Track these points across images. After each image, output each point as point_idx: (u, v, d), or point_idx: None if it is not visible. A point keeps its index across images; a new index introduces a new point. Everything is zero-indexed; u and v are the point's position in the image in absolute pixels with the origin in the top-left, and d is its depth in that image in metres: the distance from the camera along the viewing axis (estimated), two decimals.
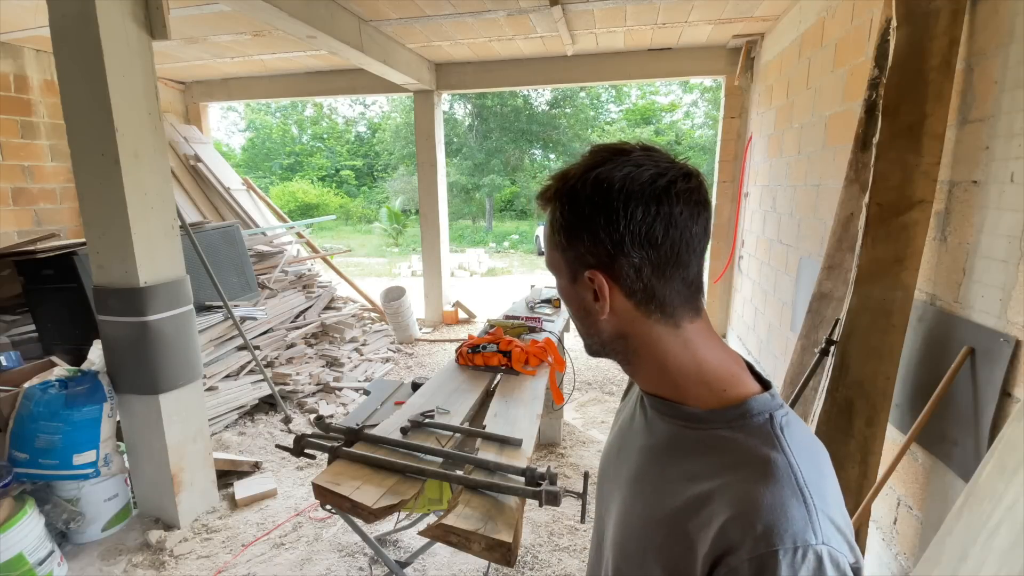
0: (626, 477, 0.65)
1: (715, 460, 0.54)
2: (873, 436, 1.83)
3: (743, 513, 0.48)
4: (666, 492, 0.57)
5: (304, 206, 19.09)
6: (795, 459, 0.51)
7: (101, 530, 2.42)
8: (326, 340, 4.69)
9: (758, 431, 0.54)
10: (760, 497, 0.48)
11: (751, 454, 0.52)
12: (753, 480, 0.50)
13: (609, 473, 0.72)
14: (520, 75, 5.38)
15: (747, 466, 0.51)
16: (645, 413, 0.66)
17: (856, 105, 2.24)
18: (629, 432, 0.69)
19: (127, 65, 2.20)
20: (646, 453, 0.63)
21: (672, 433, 0.60)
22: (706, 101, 19.27)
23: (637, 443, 0.66)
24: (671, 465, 0.59)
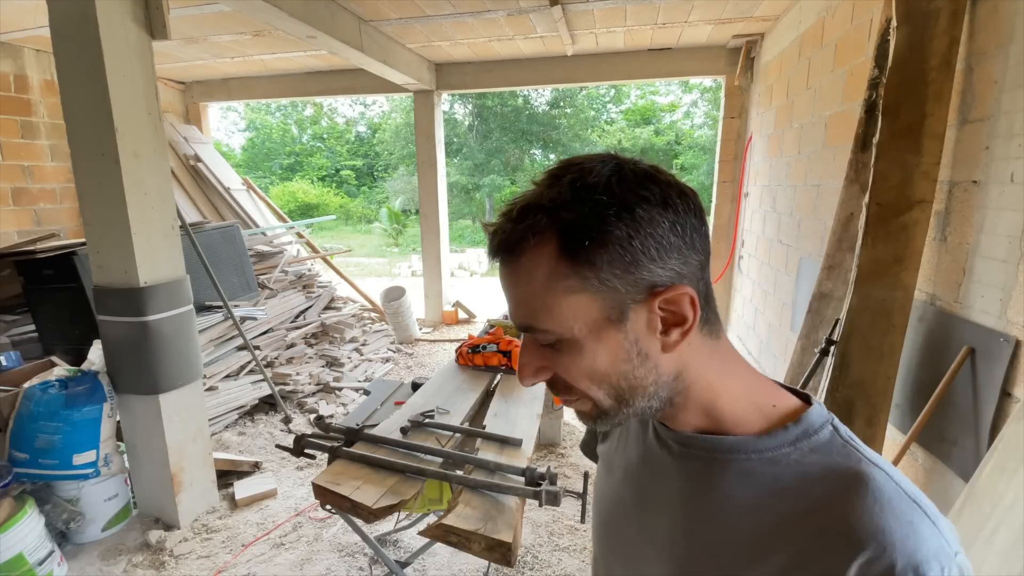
0: (669, 533, 0.53)
1: (793, 487, 0.46)
2: (873, 436, 1.83)
3: (873, 548, 0.40)
4: (732, 544, 0.47)
5: (304, 206, 19.08)
6: (886, 467, 0.44)
7: (101, 530, 2.42)
8: (326, 340, 4.69)
9: (831, 447, 0.47)
10: (884, 523, 0.41)
11: (843, 475, 0.44)
12: (864, 505, 0.42)
13: (627, 531, 0.58)
14: (520, 75, 5.38)
15: (846, 491, 0.43)
16: (671, 452, 0.53)
17: (856, 105, 2.24)
18: (648, 477, 0.56)
19: (127, 65, 2.20)
20: (695, 503, 0.51)
21: (726, 470, 0.49)
22: (706, 101, 19.27)
23: (674, 488, 0.53)
24: (738, 511, 0.47)
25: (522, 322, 0.49)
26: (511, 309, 0.50)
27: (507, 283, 0.49)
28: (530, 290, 0.47)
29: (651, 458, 0.56)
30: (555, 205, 0.45)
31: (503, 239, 0.47)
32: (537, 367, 0.50)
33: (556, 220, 0.45)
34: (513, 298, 0.49)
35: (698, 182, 17.97)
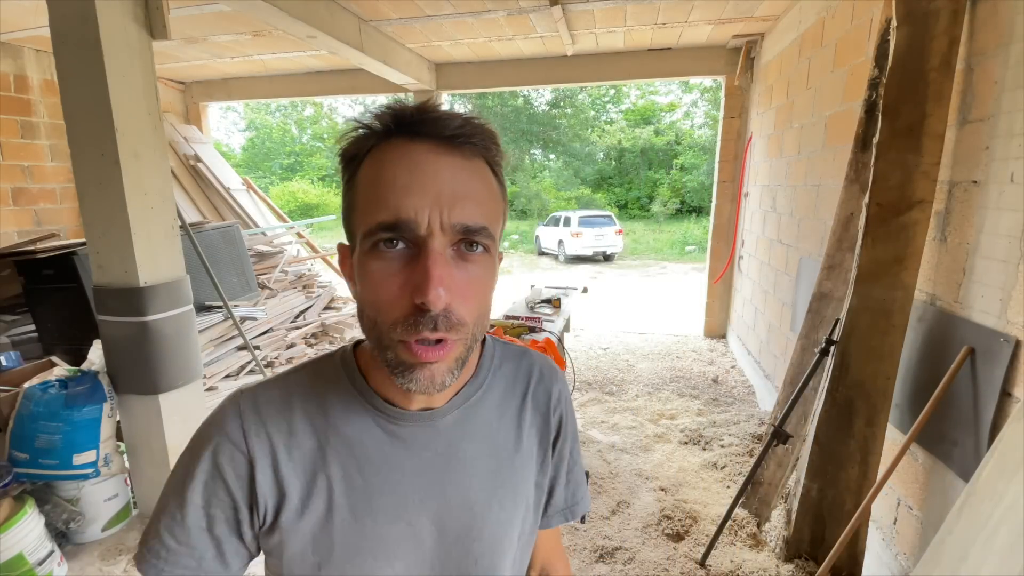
0: (446, 497, 0.59)
1: (508, 385, 0.66)
2: (873, 436, 1.83)
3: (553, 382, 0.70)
4: (502, 449, 0.64)
5: (304, 206, 19.09)
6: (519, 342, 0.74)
7: (101, 530, 2.42)
8: (326, 340, 4.69)
9: (503, 350, 0.69)
10: (549, 367, 0.71)
11: (519, 356, 0.69)
12: (539, 365, 0.70)
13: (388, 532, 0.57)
14: (520, 75, 5.38)
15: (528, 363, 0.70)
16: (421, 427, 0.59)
17: (856, 105, 2.24)
18: (395, 465, 0.58)
19: (127, 65, 2.20)
20: (459, 452, 0.60)
21: (471, 412, 0.62)
22: (706, 101, 19.28)
23: (437, 461, 0.59)
24: (487, 432, 0.63)
25: (476, 222, 0.47)
26: (455, 205, 0.46)
27: (454, 175, 0.47)
28: (488, 193, 0.49)
29: (396, 450, 0.58)
30: (486, 136, 0.49)
31: (461, 128, 0.47)
32: (450, 283, 0.46)
33: (494, 147, 0.50)
34: (468, 194, 0.47)
35: (698, 182, 18.00)
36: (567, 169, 19.88)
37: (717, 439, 3.18)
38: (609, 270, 12.21)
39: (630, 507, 2.57)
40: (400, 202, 0.45)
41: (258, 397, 0.57)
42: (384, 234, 0.46)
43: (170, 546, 0.54)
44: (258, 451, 0.55)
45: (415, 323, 0.46)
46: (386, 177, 0.47)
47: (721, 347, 5.29)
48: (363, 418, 0.57)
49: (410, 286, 0.46)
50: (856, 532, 1.75)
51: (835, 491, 1.91)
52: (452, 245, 0.47)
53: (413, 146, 0.47)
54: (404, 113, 0.48)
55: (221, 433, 0.55)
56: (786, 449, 2.28)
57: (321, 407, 0.57)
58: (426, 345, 0.47)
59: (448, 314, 0.47)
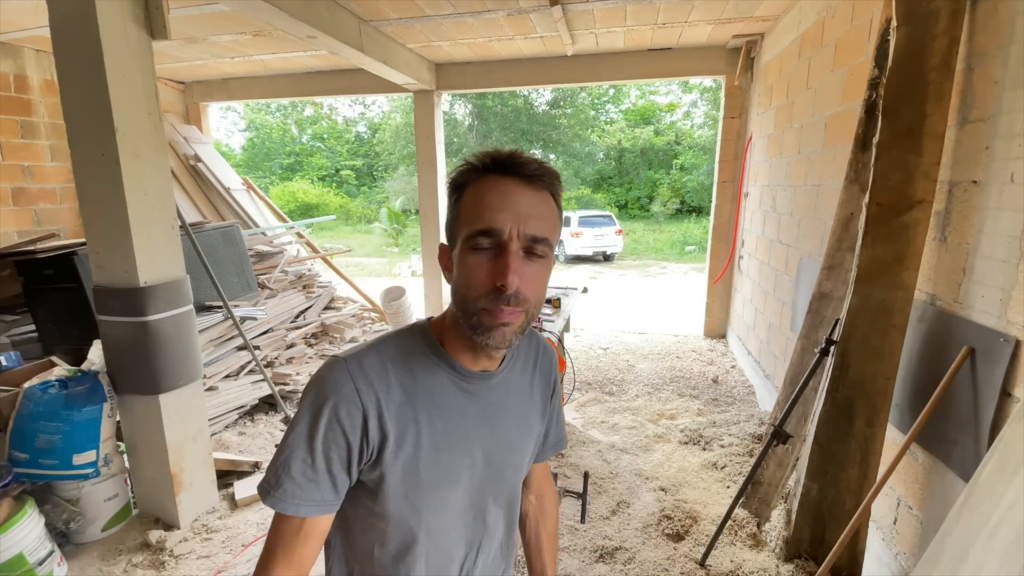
0: (495, 436, 0.82)
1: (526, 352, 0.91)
2: (873, 436, 1.83)
3: (550, 350, 0.96)
4: (526, 396, 0.89)
5: (304, 206, 19.09)
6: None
7: (101, 530, 2.42)
8: (326, 340, 4.69)
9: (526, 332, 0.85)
10: (544, 341, 0.97)
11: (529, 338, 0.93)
12: (540, 339, 0.96)
13: (461, 464, 0.79)
14: (520, 75, 5.38)
15: (534, 337, 0.95)
16: (482, 383, 0.81)
17: (856, 105, 2.24)
18: (467, 413, 0.80)
19: (127, 65, 2.20)
20: (505, 402, 0.84)
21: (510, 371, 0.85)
22: (706, 101, 19.27)
23: (494, 410, 0.82)
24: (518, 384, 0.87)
25: (541, 234, 0.69)
26: (529, 222, 0.68)
27: (529, 201, 0.69)
28: (550, 215, 0.71)
29: (467, 402, 0.79)
30: (553, 177, 0.72)
31: (537, 171, 0.70)
32: (521, 274, 0.68)
33: (556, 184, 0.73)
34: (537, 215, 0.69)
35: (698, 182, 17.99)
36: (567, 169, 19.89)
37: (717, 439, 3.18)
38: (609, 270, 12.21)
39: (630, 507, 2.57)
40: (493, 216, 0.67)
41: (362, 362, 0.74)
42: (480, 238, 0.68)
43: (301, 484, 0.71)
44: (369, 404, 0.72)
45: (495, 298, 0.67)
46: (484, 199, 0.69)
47: (721, 347, 5.29)
48: (441, 376, 0.78)
49: (494, 273, 0.67)
50: (856, 532, 1.75)
51: (835, 491, 1.91)
52: (523, 248, 0.68)
53: (504, 180, 0.69)
54: (500, 157, 0.70)
55: (337, 393, 0.71)
56: (786, 449, 2.28)
57: (409, 369, 0.76)
58: (501, 310, 0.68)
59: (518, 294, 0.67)
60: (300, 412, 0.73)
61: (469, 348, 0.76)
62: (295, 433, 0.72)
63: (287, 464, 0.71)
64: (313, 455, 0.71)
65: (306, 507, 0.71)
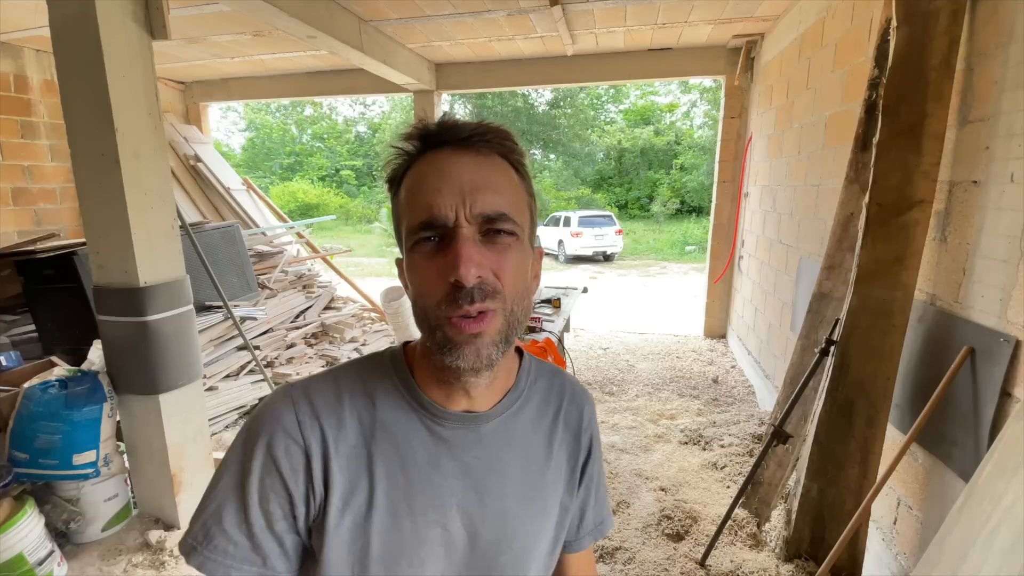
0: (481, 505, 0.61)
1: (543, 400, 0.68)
2: (873, 436, 1.83)
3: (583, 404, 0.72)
4: (536, 464, 0.66)
5: (304, 206, 19.09)
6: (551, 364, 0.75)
7: (101, 530, 2.42)
8: (326, 340, 4.69)
9: (537, 367, 0.70)
10: (580, 389, 0.73)
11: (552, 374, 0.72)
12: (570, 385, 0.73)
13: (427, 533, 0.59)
14: (520, 75, 5.38)
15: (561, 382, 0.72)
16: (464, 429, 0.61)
17: (856, 105, 2.24)
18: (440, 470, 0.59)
19: (127, 65, 2.20)
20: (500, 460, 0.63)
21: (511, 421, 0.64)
22: (706, 101, 19.27)
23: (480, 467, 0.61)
24: (524, 444, 0.65)
25: (497, 210, 0.52)
26: (477, 196, 0.52)
27: (474, 172, 0.53)
28: (507, 184, 0.55)
29: (445, 451, 0.60)
30: (504, 137, 0.56)
31: (476, 131, 0.53)
32: (480, 261, 0.51)
33: (511, 146, 0.56)
34: (488, 186, 0.53)
35: (698, 182, 17.99)
36: (567, 169, 19.89)
37: (717, 439, 3.18)
38: (609, 270, 12.21)
39: (630, 507, 2.57)
40: (431, 201, 0.52)
41: (310, 389, 0.59)
42: (422, 232, 0.52)
43: (237, 541, 0.54)
44: (312, 442, 0.56)
45: (454, 299, 0.50)
46: (418, 184, 0.54)
47: (721, 347, 5.29)
48: (409, 416, 0.60)
49: (445, 268, 0.51)
50: (856, 532, 1.75)
51: (835, 491, 1.91)
52: (480, 232, 0.53)
53: (438, 155, 0.54)
54: (428, 130, 0.55)
55: (276, 424, 0.55)
56: (786, 449, 2.28)
57: (369, 402, 0.59)
58: (467, 319, 0.51)
59: (482, 285, 0.51)
60: (232, 449, 0.57)
61: (440, 379, 0.59)
62: (223, 475, 0.56)
63: (218, 514, 0.55)
64: (247, 506, 0.54)
65: (242, 573, 0.54)
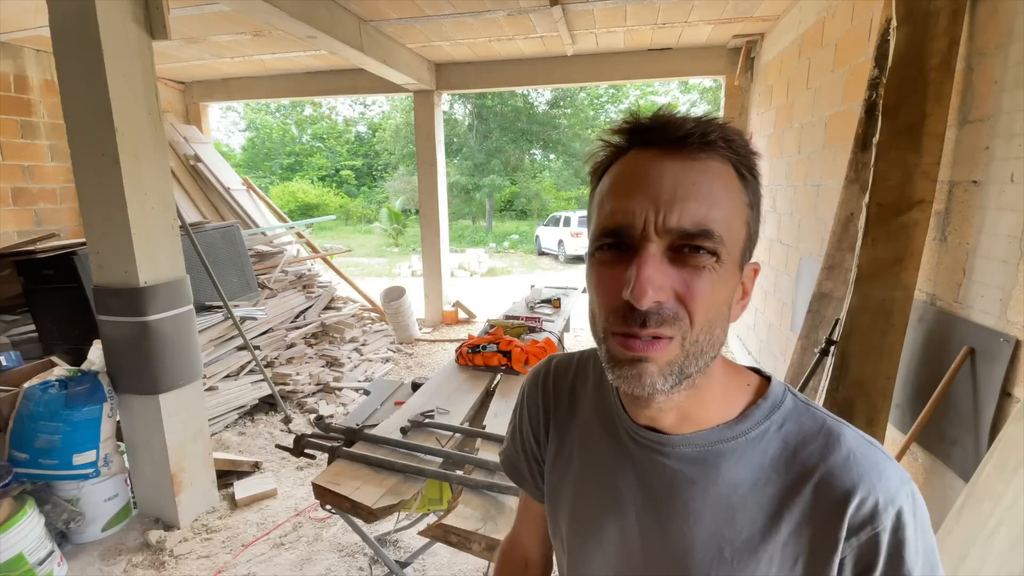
0: (664, 542, 0.53)
1: (780, 457, 0.50)
2: (873, 436, 1.82)
3: (860, 492, 0.46)
4: (744, 525, 0.50)
5: (304, 206, 19.09)
6: (842, 421, 0.51)
7: (101, 530, 2.42)
8: (326, 340, 4.69)
9: (797, 412, 0.52)
10: (861, 469, 0.47)
11: (818, 436, 0.50)
12: (843, 458, 0.48)
13: (612, 541, 0.57)
14: (520, 75, 5.38)
15: (826, 450, 0.49)
16: (657, 451, 0.54)
17: (856, 105, 2.24)
18: (628, 479, 0.56)
19: (127, 65, 2.20)
20: (697, 497, 0.52)
21: (721, 461, 0.51)
22: (705, 101, 19.27)
23: (662, 488, 0.54)
24: (742, 492, 0.50)
25: (697, 225, 0.44)
26: (674, 207, 0.44)
27: (679, 177, 0.45)
28: (721, 194, 0.45)
29: (630, 463, 0.56)
30: (726, 134, 0.46)
31: (693, 131, 0.45)
32: (662, 283, 0.44)
33: (739, 147, 0.46)
34: (693, 196, 0.44)
35: None
36: (567, 169, 19.88)
37: None
38: None
39: None
40: (622, 206, 0.45)
41: (558, 359, 0.70)
42: (605, 239, 0.47)
43: (514, 450, 0.73)
44: (548, 398, 0.67)
45: (625, 317, 0.45)
46: (615, 185, 0.47)
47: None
48: (606, 409, 0.61)
49: (621, 282, 0.45)
50: None
51: None
52: (672, 248, 0.45)
53: (643, 154, 0.47)
54: (639, 124, 0.47)
55: (533, 377, 0.70)
56: None
57: (584, 386, 0.65)
58: (635, 340, 0.45)
59: (661, 310, 0.44)
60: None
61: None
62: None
63: (510, 431, 0.74)
64: (520, 427, 0.71)
65: (516, 476, 0.73)
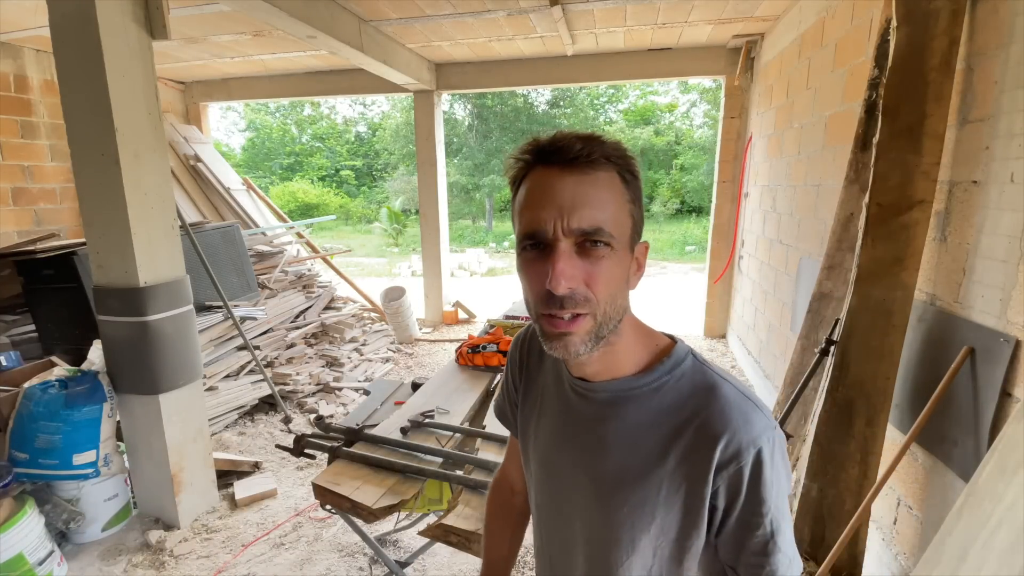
0: (591, 461, 0.70)
1: (673, 405, 0.65)
2: (873, 436, 1.83)
3: (727, 436, 0.61)
4: (642, 455, 0.66)
5: (304, 206, 19.08)
6: (728, 376, 0.66)
7: (101, 530, 2.42)
8: (326, 340, 4.69)
9: (693, 370, 0.67)
10: (729, 417, 0.62)
11: (703, 389, 0.65)
12: (718, 407, 0.63)
13: (558, 466, 0.75)
14: (520, 75, 5.38)
15: (706, 400, 0.64)
16: (588, 399, 0.71)
17: (856, 105, 2.24)
18: (570, 421, 0.73)
19: (127, 65, 2.20)
20: (609, 431, 0.69)
21: (627, 404, 0.68)
22: (705, 101, 19.27)
23: (591, 427, 0.70)
24: (642, 429, 0.67)
25: (593, 225, 0.59)
26: (574, 213, 0.59)
27: (575, 190, 0.60)
28: (608, 197, 0.61)
29: (569, 405, 0.73)
30: (611, 149, 0.61)
31: (580, 152, 0.60)
32: (572, 273, 0.59)
33: (617, 158, 0.62)
34: (587, 203, 0.59)
35: (698, 182, 17.98)
36: None
37: None
38: None
39: None
40: (535, 215, 0.60)
41: (532, 330, 0.84)
42: (526, 241, 0.62)
43: (498, 398, 0.94)
44: (527, 359, 0.84)
45: (548, 302, 0.60)
46: (527, 198, 0.63)
47: (721, 347, 5.29)
48: (558, 367, 0.78)
49: (543, 275, 0.60)
50: (856, 532, 1.75)
51: (835, 491, 1.91)
52: (576, 244, 0.60)
53: (546, 171, 0.61)
54: (540, 146, 0.62)
55: (516, 341, 0.87)
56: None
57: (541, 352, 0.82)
58: (559, 320, 0.61)
59: (574, 294, 0.59)
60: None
61: None
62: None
63: (500, 383, 0.91)
64: (505, 379, 0.89)
65: (503, 419, 0.92)
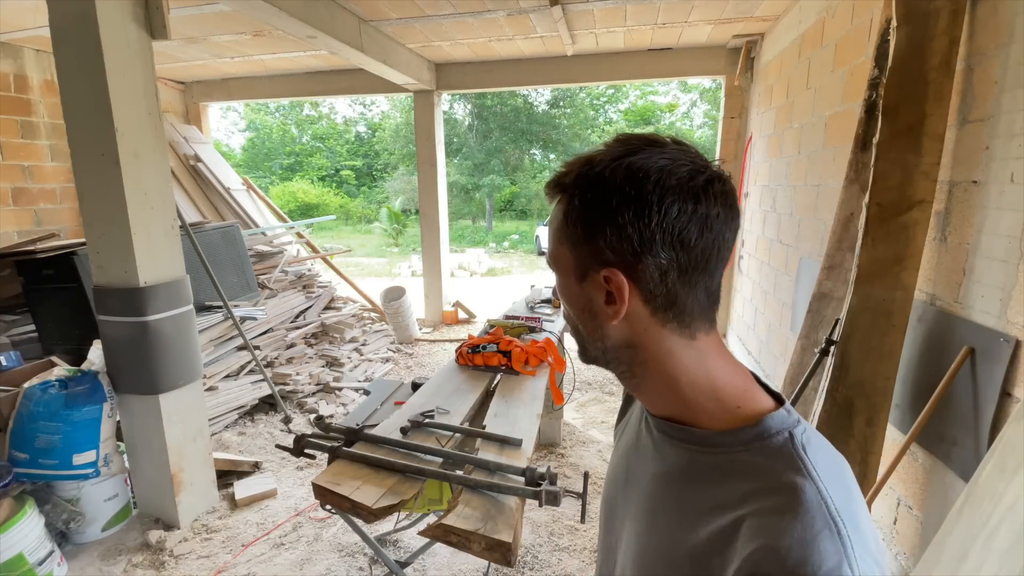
0: (639, 509, 0.61)
1: (736, 487, 0.50)
2: (873, 436, 1.83)
3: (772, 547, 0.43)
4: (685, 525, 0.53)
5: (304, 206, 19.08)
6: (823, 484, 0.47)
7: (101, 530, 2.42)
8: (326, 340, 4.69)
9: (779, 453, 0.50)
10: (790, 529, 0.44)
11: (776, 480, 0.48)
12: (781, 510, 0.45)
13: (617, 503, 0.67)
14: (520, 75, 5.38)
15: (773, 494, 0.47)
16: (652, 436, 0.61)
17: (856, 105, 2.24)
18: (636, 456, 0.65)
19: (127, 65, 2.20)
20: (659, 482, 0.59)
21: (685, 459, 0.56)
22: (705, 101, 19.27)
23: (648, 470, 0.61)
24: (688, 495, 0.54)
25: (547, 248, 0.62)
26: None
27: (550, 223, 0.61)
28: (557, 224, 0.59)
29: (640, 437, 0.65)
30: (562, 185, 0.57)
31: (547, 185, 0.61)
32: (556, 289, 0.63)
33: (562, 189, 0.58)
34: (551, 229, 0.61)
35: None
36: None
37: None
38: None
39: None
40: None
41: None
42: None
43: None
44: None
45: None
46: None
47: None
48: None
49: None
50: None
51: None
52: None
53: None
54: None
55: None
56: None
57: None
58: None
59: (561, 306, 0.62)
60: None
61: None
62: None
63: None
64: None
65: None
